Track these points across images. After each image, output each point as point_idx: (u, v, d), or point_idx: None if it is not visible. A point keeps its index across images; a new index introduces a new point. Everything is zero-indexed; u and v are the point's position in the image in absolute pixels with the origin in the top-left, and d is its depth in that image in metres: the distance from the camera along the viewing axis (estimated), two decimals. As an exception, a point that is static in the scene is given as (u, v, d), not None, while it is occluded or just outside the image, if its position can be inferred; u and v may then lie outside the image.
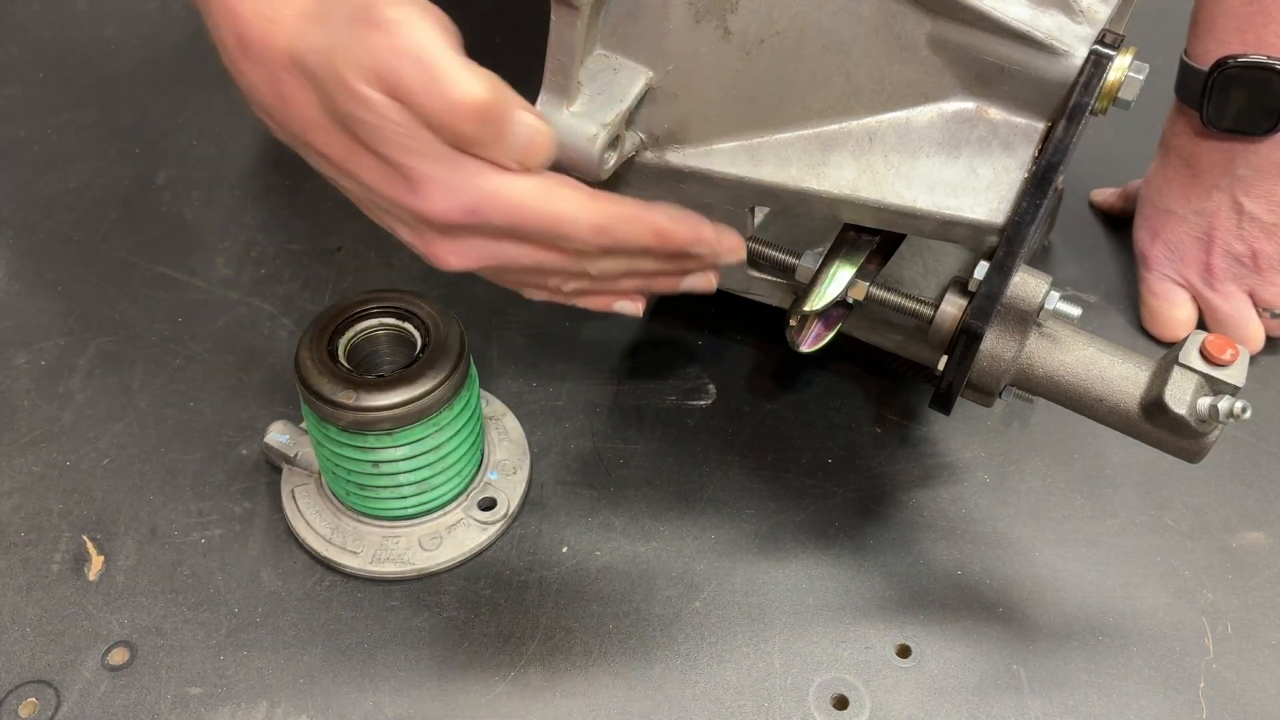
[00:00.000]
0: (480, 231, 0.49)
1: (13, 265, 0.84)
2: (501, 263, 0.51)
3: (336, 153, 0.50)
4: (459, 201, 0.47)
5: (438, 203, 0.47)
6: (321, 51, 0.47)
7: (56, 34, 1.04)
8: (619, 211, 0.50)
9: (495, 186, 0.47)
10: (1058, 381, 0.58)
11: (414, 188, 0.47)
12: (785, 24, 0.53)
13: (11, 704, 0.60)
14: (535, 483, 0.71)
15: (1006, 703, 0.62)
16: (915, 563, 0.68)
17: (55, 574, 0.66)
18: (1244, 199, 0.74)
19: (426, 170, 0.47)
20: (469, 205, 0.47)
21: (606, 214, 0.49)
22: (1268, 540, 0.69)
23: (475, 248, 0.50)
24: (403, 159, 0.47)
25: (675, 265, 0.55)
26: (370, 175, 0.49)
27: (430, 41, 0.45)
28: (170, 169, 0.91)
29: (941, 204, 0.55)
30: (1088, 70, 0.52)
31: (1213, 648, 0.64)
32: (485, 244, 0.50)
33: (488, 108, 0.45)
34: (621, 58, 0.54)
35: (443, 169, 0.47)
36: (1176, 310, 0.79)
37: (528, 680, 0.62)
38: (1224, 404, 0.53)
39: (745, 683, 0.62)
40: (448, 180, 0.47)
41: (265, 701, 0.61)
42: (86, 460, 0.72)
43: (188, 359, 0.77)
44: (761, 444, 0.73)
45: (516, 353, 0.78)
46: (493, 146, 0.46)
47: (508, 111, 0.46)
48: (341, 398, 0.60)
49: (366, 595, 0.65)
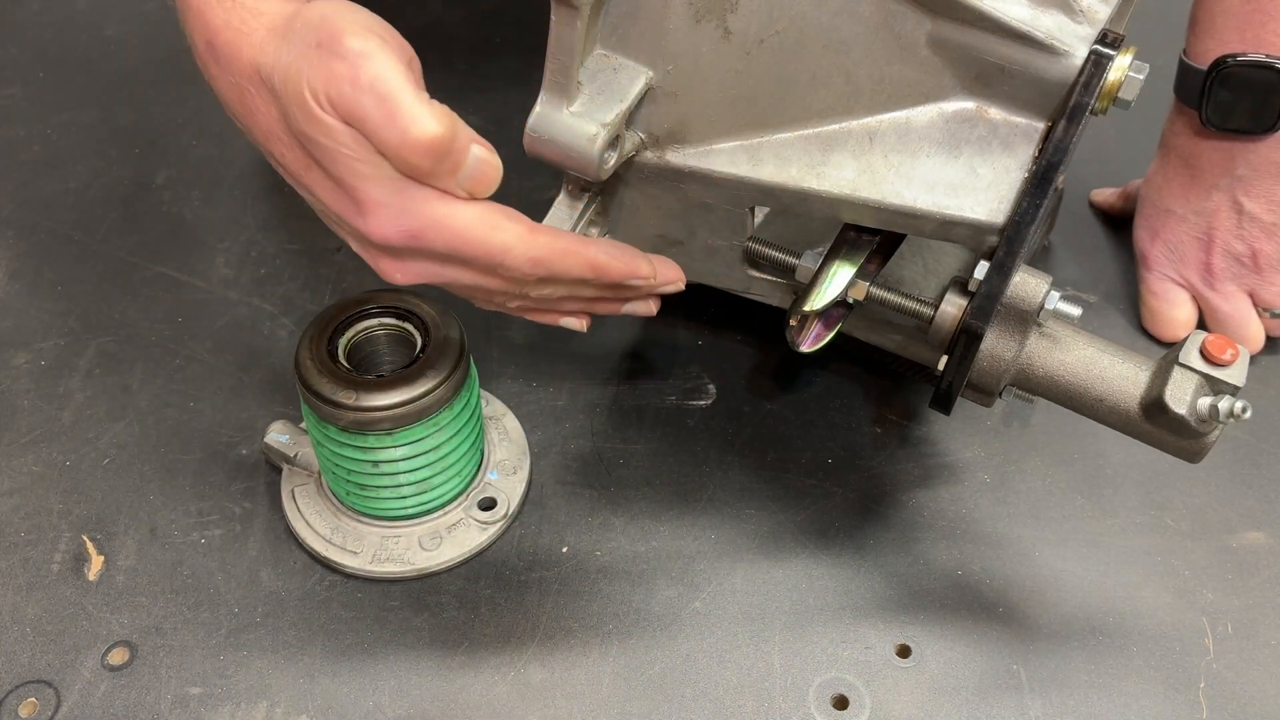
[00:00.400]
0: (423, 254, 0.51)
1: (13, 265, 0.84)
2: (444, 281, 0.54)
3: (292, 165, 0.52)
4: (402, 226, 0.49)
5: (382, 226, 0.49)
6: (283, 69, 0.48)
7: (56, 34, 1.04)
8: (556, 245, 0.52)
9: (439, 214, 0.49)
10: (1058, 381, 0.58)
11: (361, 210, 0.49)
12: (785, 24, 0.53)
13: (11, 704, 0.60)
14: (535, 483, 0.71)
15: (1006, 703, 0.62)
16: (915, 563, 0.68)
17: (55, 574, 0.66)
18: (1244, 198, 0.74)
19: (373, 194, 0.49)
20: (412, 230, 0.49)
21: (543, 247, 0.52)
22: (1268, 540, 0.69)
23: (419, 267, 0.52)
24: (352, 181, 0.49)
25: (614, 294, 0.59)
26: (322, 191, 0.51)
27: (390, 75, 0.46)
28: (170, 169, 0.91)
29: (941, 204, 0.55)
30: (1088, 70, 0.52)
31: (1213, 648, 0.64)
32: (428, 265, 0.52)
33: (442, 143, 0.47)
34: (621, 57, 0.54)
35: (389, 194, 0.49)
36: (1176, 310, 0.79)
37: (528, 680, 0.62)
38: (1224, 404, 0.53)
39: (745, 683, 0.62)
40: (393, 205, 0.49)
41: (265, 701, 0.61)
42: (86, 460, 0.72)
43: (188, 359, 0.77)
44: (761, 444, 0.73)
45: (516, 353, 0.78)
46: (444, 178, 0.48)
47: (461, 146, 0.48)
48: (341, 398, 0.60)
49: (366, 595, 0.65)
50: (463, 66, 1.01)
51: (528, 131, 0.53)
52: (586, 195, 0.59)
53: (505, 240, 0.50)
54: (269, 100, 0.50)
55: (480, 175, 0.49)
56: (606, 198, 0.61)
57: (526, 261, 0.51)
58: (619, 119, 0.53)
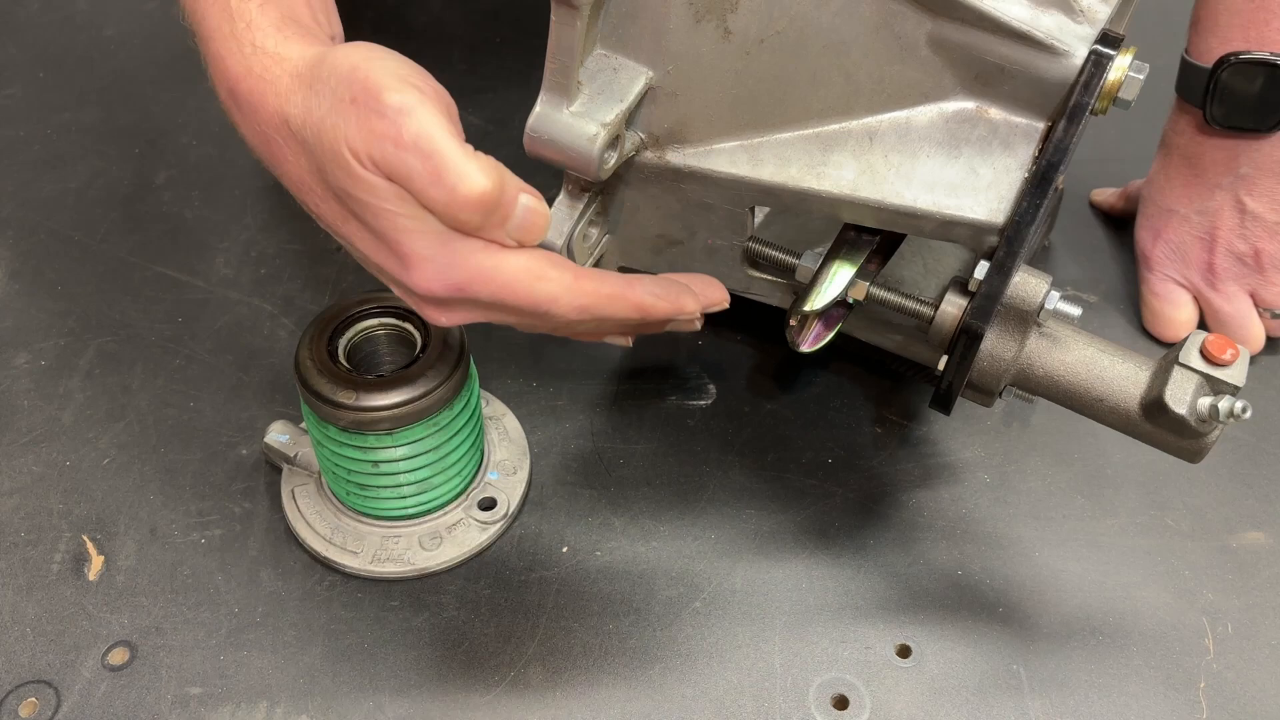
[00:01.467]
0: (469, 304, 0.50)
1: (13, 265, 0.84)
2: (490, 321, 0.53)
3: (329, 216, 0.50)
4: (448, 281, 0.48)
5: (428, 280, 0.48)
6: (315, 124, 0.47)
7: (56, 34, 1.04)
8: (603, 292, 0.51)
9: (484, 267, 0.48)
10: (1058, 381, 0.58)
11: (405, 264, 0.48)
12: (785, 24, 0.53)
13: (11, 704, 0.60)
14: (535, 483, 0.71)
15: (1006, 703, 0.62)
16: (915, 563, 0.68)
17: (55, 574, 0.66)
18: (1247, 198, 0.74)
19: (418, 249, 0.47)
20: (458, 284, 0.48)
21: (589, 294, 0.51)
22: (1268, 540, 0.69)
23: (464, 313, 0.51)
24: (396, 236, 0.47)
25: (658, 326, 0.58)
26: (362, 244, 0.50)
27: (435, 130, 0.45)
28: (170, 169, 0.91)
29: (941, 204, 0.55)
30: (1088, 70, 0.52)
31: (1213, 648, 0.64)
32: (474, 311, 0.51)
33: (491, 198, 0.46)
34: (621, 57, 0.54)
35: (434, 248, 0.47)
36: (1178, 311, 0.79)
37: (528, 680, 0.62)
38: (1224, 404, 0.53)
39: (745, 683, 0.62)
40: (438, 260, 0.48)
41: (265, 701, 0.61)
42: (86, 460, 0.72)
43: (188, 359, 0.77)
44: (761, 444, 0.73)
45: (516, 353, 0.78)
46: (492, 230, 0.47)
47: (510, 199, 0.47)
48: (341, 398, 0.60)
49: (366, 595, 0.65)
50: (462, 66, 1.01)
51: (528, 132, 0.53)
52: (587, 195, 0.59)
53: (551, 291, 0.49)
54: (299, 152, 0.49)
55: (529, 225, 0.48)
56: (607, 198, 0.61)
57: (573, 310, 0.50)
58: (619, 119, 0.53)
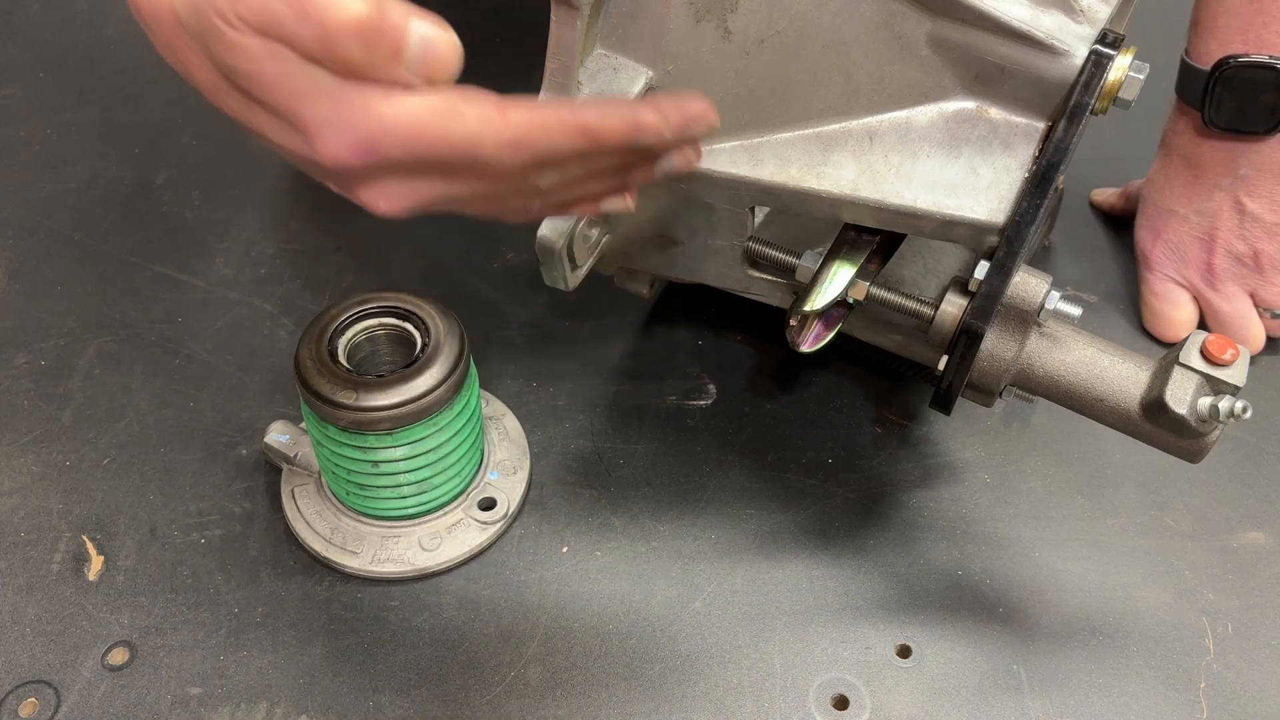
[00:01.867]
0: (388, 170, 0.43)
1: (13, 265, 0.84)
2: (434, 199, 0.45)
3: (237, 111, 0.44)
4: (350, 140, 0.41)
5: (330, 146, 0.42)
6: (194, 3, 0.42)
7: (56, 34, 1.04)
8: (532, 120, 0.42)
9: (385, 115, 0.41)
10: (1058, 381, 0.58)
11: (307, 136, 0.42)
12: (785, 24, 0.53)
13: (11, 704, 0.60)
14: (535, 483, 0.71)
15: (1006, 703, 0.62)
16: (915, 563, 0.68)
17: (55, 574, 0.66)
18: (1246, 199, 0.74)
19: (314, 113, 0.41)
20: (361, 143, 0.41)
21: (517, 126, 0.42)
22: (1268, 540, 0.69)
23: (394, 188, 0.44)
24: (289, 104, 0.41)
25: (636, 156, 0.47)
26: (269, 130, 0.44)
27: None
28: (170, 169, 0.91)
29: (942, 204, 0.55)
30: (1088, 70, 0.52)
31: (1213, 648, 0.64)
32: (405, 183, 0.44)
33: (368, 23, 0.40)
34: (621, 57, 0.54)
35: (329, 107, 0.41)
36: (1178, 311, 0.79)
37: (528, 680, 0.62)
38: (1224, 404, 0.53)
39: (745, 683, 0.62)
40: (335, 119, 0.41)
41: (265, 701, 0.61)
42: (86, 460, 0.72)
43: (188, 359, 0.77)
44: (761, 444, 0.73)
45: (516, 353, 0.78)
46: (388, 67, 0.41)
47: (396, 24, 0.40)
48: (341, 398, 0.60)
49: (366, 595, 0.65)
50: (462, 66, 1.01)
51: (528, 131, 0.53)
52: (586, 195, 0.59)
53: (468, 129, 0.41)
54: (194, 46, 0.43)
55: (432, 56, 0.41)
56: (606, 198, 0.60)
57: (503, 149, 0.42)
58: (619, 119, 0.53)
